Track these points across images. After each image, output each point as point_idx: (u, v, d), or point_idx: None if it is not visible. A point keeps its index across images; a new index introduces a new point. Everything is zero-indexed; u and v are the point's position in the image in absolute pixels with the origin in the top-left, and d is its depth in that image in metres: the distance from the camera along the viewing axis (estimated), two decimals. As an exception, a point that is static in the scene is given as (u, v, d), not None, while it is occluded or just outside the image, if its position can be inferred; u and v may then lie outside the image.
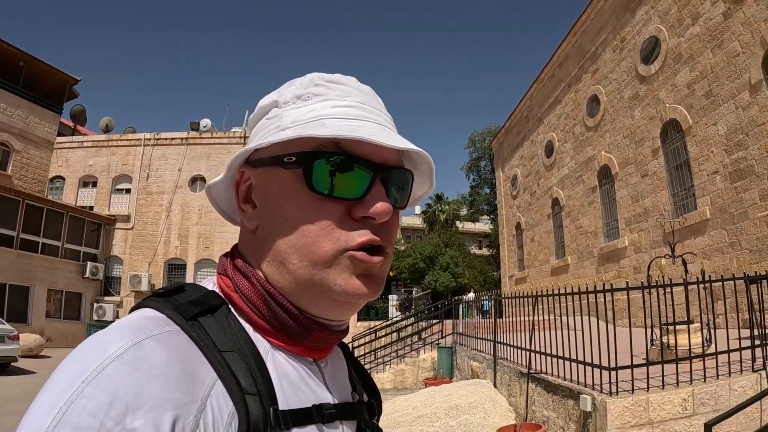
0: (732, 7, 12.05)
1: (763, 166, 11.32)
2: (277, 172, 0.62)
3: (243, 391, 0.53)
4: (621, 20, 17.18)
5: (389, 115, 0.70)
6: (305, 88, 0.66)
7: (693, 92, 13.76)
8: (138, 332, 0.51)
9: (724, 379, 5.84)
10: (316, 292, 0.61)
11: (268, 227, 0.64)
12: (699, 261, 12.53)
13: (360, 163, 0.61)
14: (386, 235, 0.63)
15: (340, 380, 0.71)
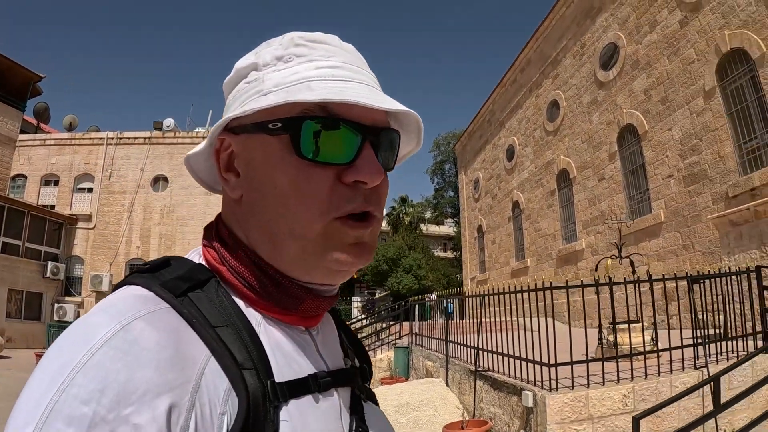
0: (689, 15, 12.38)
1: (716, 170, 11.63)
2: (262, 139, 0.59)
3: (240, 366, 0.52)
4: (582, 27, 17.50)
5: (373, 74, 0.67)
6: (285, 48, 0.62)
7: (649, 98, 14.09)
8: (126, 313, 0.49)
9: (665, 376, 5.99)
10: (307, 261, 0.60)
11: (255, 196, 0.61)
12: (646, 262, 12.84)
13: (349, 127, 0.58)
14: (376, 200, 0.62)
15: (332, 347, 0.70)
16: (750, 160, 10.82)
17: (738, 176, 11.00)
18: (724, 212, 10.06)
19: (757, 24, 10.29)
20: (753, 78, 10.62)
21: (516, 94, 22.91)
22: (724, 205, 11.13)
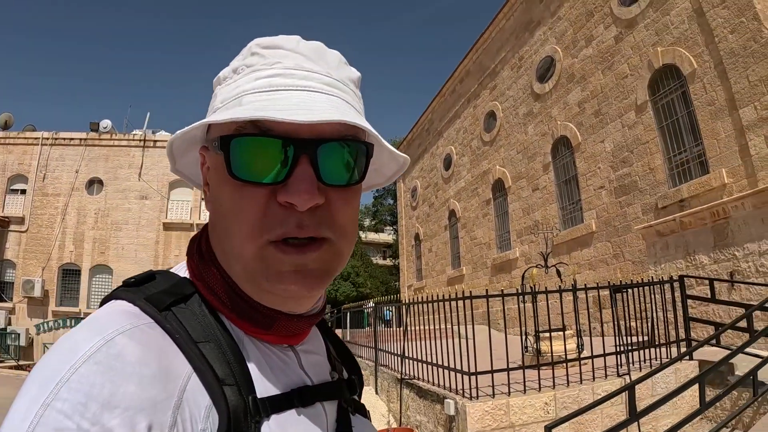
0: (624, 31, 12.74)
1: (646, 182, 11.96)
2: (215, 156, 0.59)
3: (221, 382, 0.52)
4: (520, 39, 17.81)
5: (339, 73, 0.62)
6: (243, 59, 0.61)
7: (583, 111, 14.41)
8: (109, 328, 0.49)
9: (587, 384, 6.09)
10: (252, 283, 0.59)
11: (213, 212, 0.62)
12: (573, 271, 13.07)
13: (278, 141, 0.54)
14: (327, 219, 0.57)
15: (317, 361, 0.69)
16: (679, 173, 11.16)
17: (667, 188, 11.33)
18: (651, 223, 10.33)
19: (690, 41, 10.66)
20: (684, 93, 10.99)
21: (454, 104, 23.10)
22: (654, 215, 11.43)
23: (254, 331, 0.61)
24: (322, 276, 0.59)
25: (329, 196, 0.57)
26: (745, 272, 8.00)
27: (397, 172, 0.71)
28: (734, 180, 9.70)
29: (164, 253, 21.30)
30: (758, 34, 9.08)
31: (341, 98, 0.60)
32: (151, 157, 22.32)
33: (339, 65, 0.63)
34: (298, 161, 0.55)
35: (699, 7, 10.39)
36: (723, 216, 8.48)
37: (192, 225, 21.63)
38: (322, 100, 0.57)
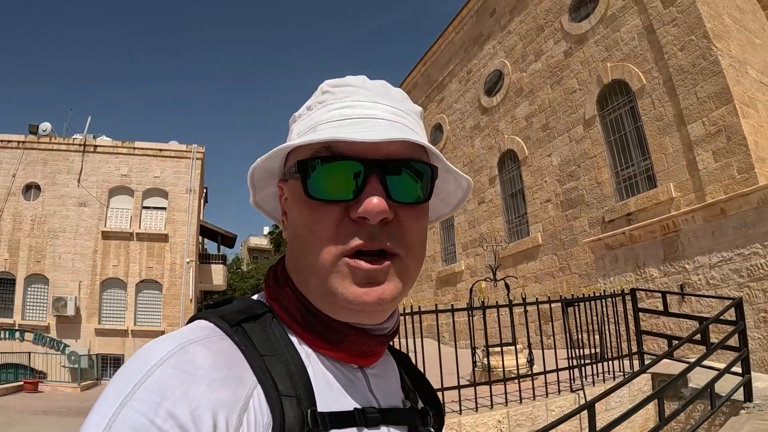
0: (574, 46, 12.88)
1: (593, 195, 12.03)
2: (291, 183, 0.64)
3: (280, 394, 0.54)
4: (469, 53, 17.84)
5: (403, 106, 0.67)
6: (316, 98, 0.67)
7: (531, 125, 14.48)
8: (183, 338, 0.54)
9: (541, 400, 5.95)
10: (326, 298, 0.61)
11: (290, 236, 0.66)
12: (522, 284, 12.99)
13: (349, 162, 0.59)
14: (397, 235, 0.61)
15: (388, 387, 0.70)
16: (626, 187, 11.27)
17: (614, 202, 11.41)
18: (600, 236, 10.31)
19: (639, 57, 10.82)
20: (632, 108, 11.14)
21: (400, 116, 22.93)
22: (600, 229, 11.48)
23: (325, 348, 0.63)
24: (393, 289, 0.60)
25: (398, 213, 0.60)
26: (696, 285, 8.02)
27: (462, 199, 0.74)
28: (682, 194, 9.83)
29: (102, 263, 19.89)
30: (707, 52, 9.26)
31: (404, 124, 0.63)
32: (91, 162, 20.89)
33: (403, 99, 0.68)
34: (368, 179, 0.58)
35: (649, 24, 10.58)
36: (673, 229, 8.50)
37: (132, 234, 20.36)
38: (387, 125, 0.61)
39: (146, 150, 21.58)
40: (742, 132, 8.75)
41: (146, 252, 20.42)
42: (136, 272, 20.12)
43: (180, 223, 21.03)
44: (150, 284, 20.23)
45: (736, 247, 7.50)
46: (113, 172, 21.06)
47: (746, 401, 5.94)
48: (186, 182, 21.53)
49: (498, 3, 16.21)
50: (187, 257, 20.60)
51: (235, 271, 40.54)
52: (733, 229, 7.57)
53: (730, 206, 7.62)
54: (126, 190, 21.04)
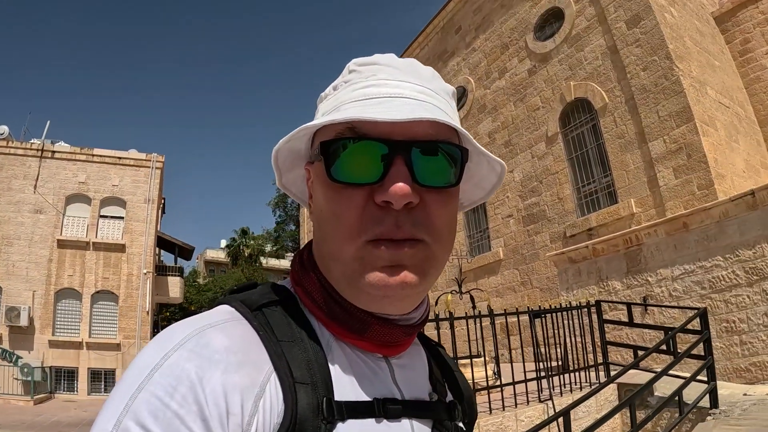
0: (537, 65, 13.14)
1: (555, 211, 12.20)
2: (317, 166, 0.62)
3: (294, 380, 0.54)
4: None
5: (433, 84, 0.63)
6: (342, 77, 0.65)
7: (494, 141, 14.64)
8: (202, 322, 0.54)
9: (510, 411, 5.97)
10: (350, 285, 0.60)
11: (315, 220, 0.64)
12: (486, 297, 13.04)
13: (374, 144, 0.57)
14: (423, 220, 0.58)
15: (414, 378, 0.68)
16: (588, 202, 11.47)
17: (576, 217, 11.59)
18: (563, 249, 10.43)
19: (602, 77, 11.10)
20: (594, 126, 11.39)
21: (362, 130, 22.97)
22: (562, 244, 11.62)
23: (347, 336, 0.62)
24: (418, 275, 0.58)
25: (424, 197, 0.58)
26: (658, 297, 8.15)
27: (496, 184, 0.71)
28: (643, 209, 10.05)
29: (57, 272, 18.86)
30: (669, 72, 9.57)
31: (433, 104, 0.60)
32: (49, 168, 19.89)
33: (432, 78, 0.64)
34: (393, 161, 0.56)
35: (613, 44, 10.88)
36: (636, 243, 8.65)
37: (88, 243, 19.43)
38: (414, 104, 0.58)
39: (105, 157, 20.81)
40: (702, 150, 9.03)
41: (103, 262, 19.58)
42: (92, 283, 19.23)
43: (138, 234, 20.31)
44: (106, 295, 19.39)
45: (698, 260, 7.67)
46: (71, 179, 20.17)
47: (712, 408, 6.02)
48: (145, 192, 20.84)
49: (464, 20, 16.46)
50: (144, 268, 19.85)
51: (192, 284, 39.53)
52: (695, 242, 7.75)
53: (693, 220, 7.80)
54: (83, 198, 20.16)
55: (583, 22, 11.78)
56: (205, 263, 54.29)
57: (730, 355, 7.07)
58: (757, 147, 11.27)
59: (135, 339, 18.98)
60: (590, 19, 11.59)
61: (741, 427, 5.28)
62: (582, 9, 11.86)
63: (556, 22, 12.70)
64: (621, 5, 10.72)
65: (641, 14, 10.22)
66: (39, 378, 16.75)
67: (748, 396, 6.29)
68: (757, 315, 6.84)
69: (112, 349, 18.60)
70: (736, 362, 7.01)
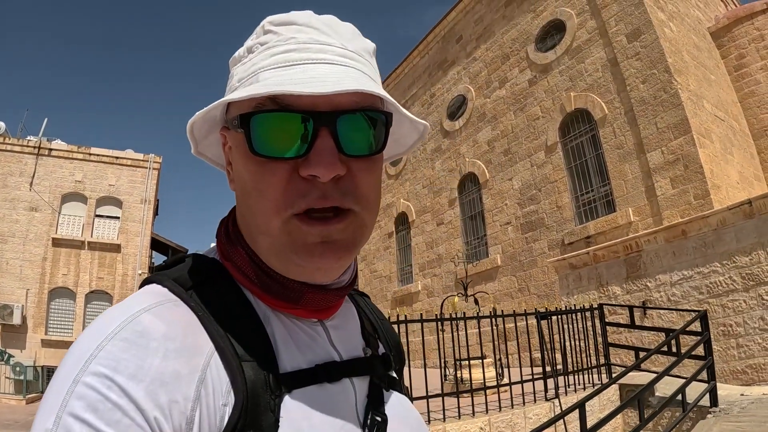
0: (538, 75, 13.45)
1: (553, 219, 12.46)
2: (235, 135, 0.59)
3: (240, 358, 0.53)
4: (433, 77, 18.29)
5: (354, 44, 0.61)
6: (257, 37, 0.62)
7: (493, 149, 14.91)
8: (136, 307, 0.52)
9: (518, 408, 6.18)
10: (279, 257, 0.59)
11: (238, 191, 0.63)
12: (491, 300, 13.25)
13: (298, 116, 0.55)
14: (350, 189, 0.57)
15: (348, 337, 0.69)
16: (586, 211, 11.74)
17: (574, 225, 11.86)
18: (564, 256, 10.68)
19: (602, 88, 11.41)
20: (594, 136, 11.69)
21: (360, 136, 23.14)
22: (560, 251, 11.88)
23: (282, 306, 0.62)
24: (349, 246, 0.59)
25: (351, 166, 0.57)
26: (657, 301, 8.41)
27: (417, 141, 0.71)
28: (640, 218, 10.34)
29: (52, 271, 18.80)
30: (668, 85, 9.89)
31: (357, 69, 0.59)
32: (45, 166, 19.87)
33: (353, 37, 0.63)
34: (318, 134, 0.55)
35: (614, 57, 11.20)
36: (636, 249, 8.93)
37: (83, 243, 19.42)
38: (338, 72, 0.57)
39: (102, 157, 20.86)
40: (699, 161, 9.34)
41: (97, 262, 19.60)
42: (86, 282, 19.24)
43: (133, 234, 20.35)
44: (100, 295, 19.38)
45: (696, 266, 7.95)
46: (67, 177, 20.19)
47: (712, 406, 6.26)
48: (141, 192, 20.92)
49: (465, 30, 16.77)
50: (139, 269, 19.86)
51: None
52: (694, 249, 8.02)
53: (691, 228, 8.08)
54: (79, 197, 20.19)
55: (585, 34, 12.11)
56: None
57: (727, 358, 7.33)
58: (750, 159, 11.64)
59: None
60: (591, 32, 11.92)
61: (741, 423, 5.52)
62: (583, 22, 12.19)
63: (558, 34, 13.03)
64: (622, 19, 11.06)
65: (642, 28, 10.56)
66: (31, 377, 16.67)
67: (745, 396, 6.55)
68: (754, 319, 7.12)
69: (105, 351, 18.51)
70: (733, 364, 7.27)
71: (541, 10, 13.64)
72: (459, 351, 6.60)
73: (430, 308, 16.10)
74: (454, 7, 17.11)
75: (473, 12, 16.46)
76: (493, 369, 7.48)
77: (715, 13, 14.25)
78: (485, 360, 7.18)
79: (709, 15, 13.79)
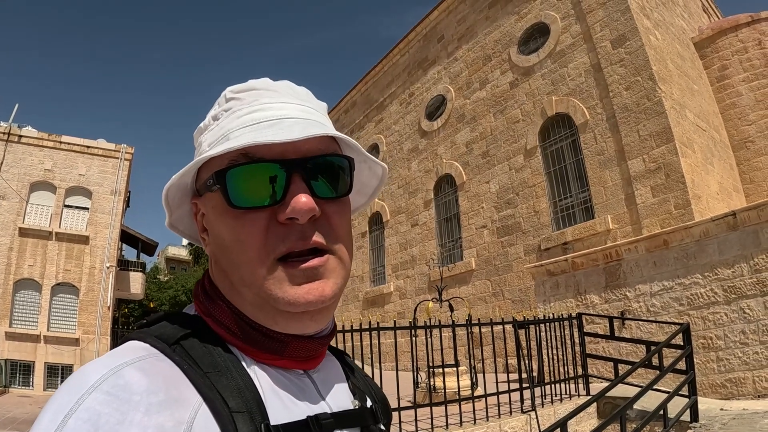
0: (520, 78, 13.29)
1: (530, 224, 12.31)
2: (210, 197, 0.62)
3: (231, 410, 0.52)
4: (413, 76, 18.03)
5: (310, 103, 0.67)
6: (220, 106, 0.66)
7: (471, 151, 14.73)
8: (118, 361, 0.51)
9: (494, 421, 6.01)
10: (266, 309, 0.60)
11: (216, 251, 0.64)
12: (466, 306, 13.04)
13: (270, 165, 0.58)
14: (327, 231, 0.60)
15: (336, 389, 0.69)
16: (564, 217, 11.61)
17: (551, 230, 11.72)
18: (542, 262, 10.51)
19: (585, 93, 11.28)
20: (574, 142, 11.56)
21: (335, 133, 22.78)
22: (536, 257, 11.73)
23: (267, 358, 0.61)
24: (332, 285, 0.60)
25: (324, 209, 0.60)
26: (636, 312, 8.28)
27: (377, 187, 0.74)
28: (619, 226, 10.23)
29: (18, 261, 17.93)
30: (652, 93, 9.79)
31: (317, 120, 0.63)
32: (14, 153, 18.90)
33: (308, 97, 0.68)
34: (291, 180, 0.58)
35: (597, 63, 11.09)
36: (616, 258, 8.79)
37: (51, 233, 18.57)
38: (302, 123, 0.60)
39: (73, 145, 19.98)
40: (680, 170, 9.26)
41: (65, 253, 18.77)
42: (53, 274, 18.42)
43: (102, 226, 19.58)
44: (67, 288, 18.58)
45: (677, 277, 7.83)
46: (36, 165, 19.31)
47: (693, 421, 6.12)
48: (112, 183, 20.15)
49: (447, 30, 16.55)
50: (107, 262, 19.14)
51: (153, 280, 38.63)
52: (675, 259, 7.91)
53: (673, 238, 7.96)
54: (48, 186, 19.32)
55: (569, 39, 11.98)
56: (167, 260, 53.33)
57: (706, 371, 7.22)
58: (730, 171, 11.66)
59: (95, 335, 18.25)
60: (575, 37, 11.80)
61: (725, 441, 5.38)
62: (568, 26, 12.06)
63: (541, 37, 12.88)
64: (607, 25, 10.95)
65: (627, 35, 10.46)
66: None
67: (725, 411, 6.43)
68: (735, 332, 7.01)
69: (71, 344, 17.81)
70: (713, 378, 7.16)
71: (525, 13, 13.48)
72: (432, 356, 6.39)
73: (403, 310, 15.85)
74: (437, 6, 16.87)
75: (456, 12, 16.25)
76: (468, 378, 7.29)
77: (699, 23, 14.31)
78: (459, 368, 6.98)
79: (693, 25, 13.83)
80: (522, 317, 7.19)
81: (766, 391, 6.65)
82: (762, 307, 6.79)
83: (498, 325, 6.68)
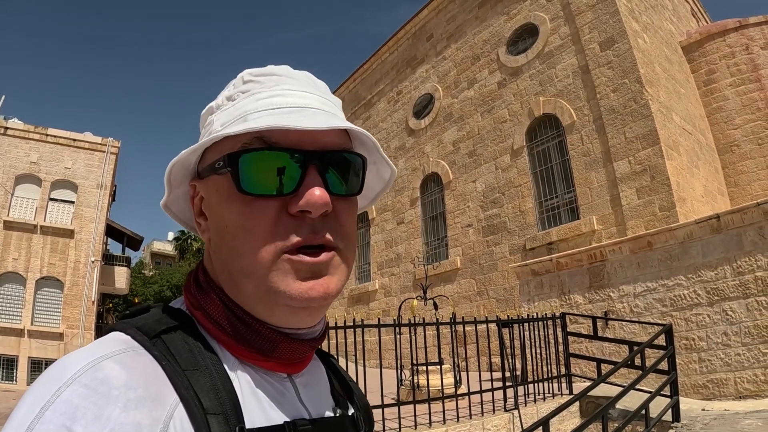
0: (508, 78, 13.32)
1: (515, 223, 12.35)
2: (215, 180, 0.60)
3: (205, 412, 0.51)
4: (401, 74, 18.00)
5: (330, 97, 0.66)
6: (236, 87, 0.64)
7: (458, 150, 14.74)
8: (97, 353, 0.50)
9: (477, 419, 6.03)
10: (266, 300, 0.58)
11: (216, 238, 0.61)
12: (450, 304, 13.06)
13: (286, 154, 0.57)
14: (335, 228, 0.59)
15: (318, 395, 0.67)
16: (549, 217, 11.67)
17: (536, 230, 11.77)
18: (526, 261, 10.55)
19: (572, 95, 11.34)
20: (561, 142, 11.62)
21: (322, 130, 22.73)
22: (521, 256, 11.77)
23: (252, 358, 0.60)
24: (336, 282, 0.59)
25: (335, 205, 0.58)
26: (619, 312, 8.34)
27: (381, 191, 0.73)
28: (604, 227, 10.30)
29: (2, 255, 17.58)
30: (639, 96, 9.86)
31: (337, 114, 0.62)
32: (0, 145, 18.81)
33: (327, 91, 0.66)
34: (307, 171, 0.56)
35: (585, 64, 11.14)
36: (600, 259, 8.84)
37: (36, 227, 18.32)
38: (323, 114, 0.59)
39: (59, 138, 19.76)
40: (666, 172, 9.33)
41: (50, 247, 18.57)
42: (37, 268, 18.21)
43: (87, 220, 19.36)
44: (51, 282, 18.38)
45: (660, 278, 7.89)
46: (22, 158, 19.06)
47: (674, 421, 6.17)
48: (98, 176, 19.96)
49: (436, 28, 16.55)
50: (92, 256, 18.91)
51: (138, 275, 38.28)
52: (659, 261, 7.97)
53: (657, 240, 8.02)
54: (34, 179, 19.08)
55: (557, 40, 12.02)
56: (152, 255, 52.96)
57: (688, 372, 7.29)
58: (715, 174, 11.80)
59: (79, 329, 18.03)
60: (564, 38, 11.85)
61: (706, 441, 5.43)
62: (557, 27, 12.11)
63: (530, 37, 12.92)
64: (596, 27, 11.01)
65: (615, 37, 10.53)
66: (-25, 365, 15.75)
67: (706, 411, 6.50)
68: (717, 334, 7.08)
69: (55, 338, 17.61)
70: (694, 378, 7.23)
71: (515, 14, 13.52)
72: (416, 354, 6.41)
73: (387, 308, 15.83)
74: (427, 5, 16.85)
75: (446, 11, 16.25)
76: (451, 375, 7.31)
77: (687, 27, 14.46)
78: (443, 366, 6.98)
79: (682, 29, 13.97)
80: (506, 316, 7.22)
81: (747, 392, 6.72)
82: (744, 309, 6.86)
83: (482, 324, 6.67)
